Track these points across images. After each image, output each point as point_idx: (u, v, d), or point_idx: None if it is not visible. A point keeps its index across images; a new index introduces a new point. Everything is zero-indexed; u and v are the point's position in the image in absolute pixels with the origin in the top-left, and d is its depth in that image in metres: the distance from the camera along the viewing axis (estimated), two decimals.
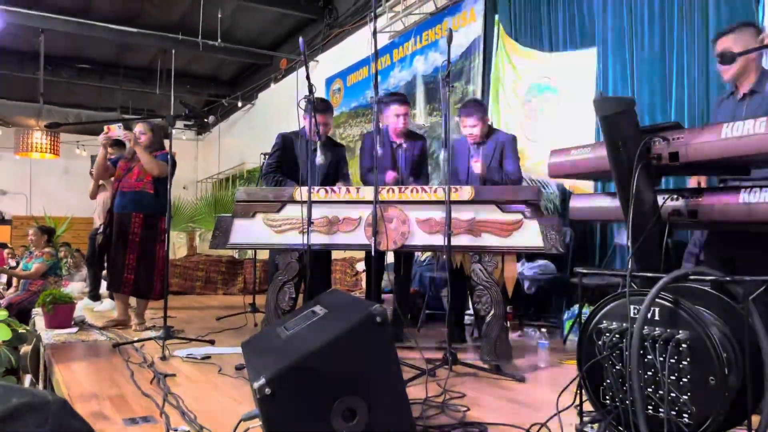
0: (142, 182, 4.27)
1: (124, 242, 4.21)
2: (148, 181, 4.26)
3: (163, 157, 4.32)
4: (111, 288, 4.39)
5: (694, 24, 3.90)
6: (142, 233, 4.23)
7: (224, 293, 7.54)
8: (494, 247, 3.06)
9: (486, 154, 3.88)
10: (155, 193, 4.28)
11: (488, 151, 3.88)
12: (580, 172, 2.50)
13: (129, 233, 4.21)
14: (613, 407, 1.73)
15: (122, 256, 4.21)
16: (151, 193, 4.27)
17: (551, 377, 2.98)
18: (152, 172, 4.22)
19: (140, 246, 4.22)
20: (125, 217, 4.24)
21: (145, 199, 4.26)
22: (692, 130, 2.04)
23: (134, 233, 4.22)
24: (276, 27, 9.78)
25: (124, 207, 4.27)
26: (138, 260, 4.21)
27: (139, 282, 4.23)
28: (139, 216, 4.24)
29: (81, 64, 11.08)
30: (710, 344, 1.55)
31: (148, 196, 4.26)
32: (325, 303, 1.98)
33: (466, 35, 5.96)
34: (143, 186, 4.26)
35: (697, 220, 2.17)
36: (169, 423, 2.06)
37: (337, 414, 1.54)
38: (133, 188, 4.27)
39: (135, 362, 3.12)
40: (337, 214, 3.20)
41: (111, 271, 4.29)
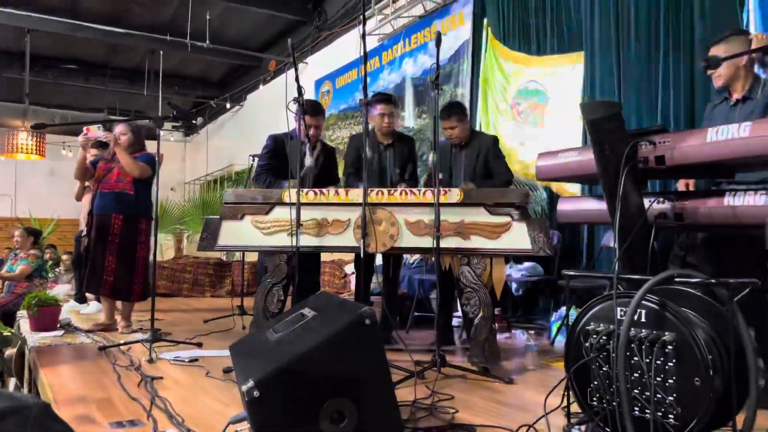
0: (122, 183, 4.24)
1: (104, 244, 4.18)
2: (128, 182, 4.23)
3: (144, 158, 4.30)
4: (89, 290, 4.36)
5: (680, 30, 3.95)
6: (122, 235, 4.19)
7: (212, 296, 7.50)
8: (483, 249, 3.07)
9: (470, 158, 3.89)
10: (135, 195, 4.25)
11: (472, 154, 3.89)
12: (567, 174, 2.52)
13: (109, 235, 4.18)
14: (601, 408, 1.74)
15: (101, 258, 4.17)
16: (132, 194, 4.24)
17: (539, 379, 3.00)
18: (132, 174, 4.20)
19: (120, 247, 4.19)
20: (105, 218, 4.21)
21: (125, 200, 4.23)
22: (678, 133, 2.06)
23: (114, 234, 4.19)
24: (265, 28, 9.76)
25: (103, 208, 4.24)
26: (117, 262, 4.18)
27: (119, 284, 4.19)
28: (119, 217, 4.20)
29: (68, 65, 10.98)
30: (695, 346, 1.57)
31: (128, 197, 4.23)
32: (313, 305, 1.97)
33: (455, 38, 5.99)
34: (123, 187, 4.23)
35: (683, 222, 2.20)
36: (157, 426, 2.05)
37: (326, 416, 1.54)
38: (113, 189, 4.24)
39: (122, 365, 3.09)
40: (326, 216, 3.19)
41: (90, 273, 4.25)
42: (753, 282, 1.59)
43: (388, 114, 3.95)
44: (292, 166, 3.41)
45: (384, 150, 4.04)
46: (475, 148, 3.89)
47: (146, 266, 4.32)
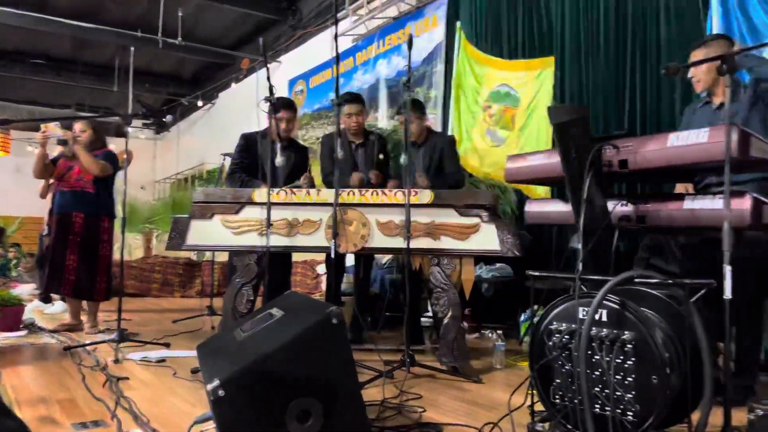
0: (82, 181, 4.18)
1: (65, 243, 4.12)
2: (88, 180, 4.17)
3: (104, 155, 4.24)
4: (51, 289, 4.28)
5: (646, 36, 4.05)
6: (83, 233, 4.14)
7: (181, 296, 7.42)
8: (452, 250, 3.11)
9: (425, 155, 3.94)
10: (96, 193, 4.19)
11: (428, 152, 3.94)
12: (535, 177, 2.56)
13: (70, 233, 4.12)
14: (563, 406, 1.78)
15: (62, 257, 4.10)
16: (92, 193, 4.18)
17: (506, 378, 3.04)
18: (92, 172, 4.13)
19: (81, 246, 4.12)
20: (65, 217, 4.15)
21: (85, 198, 4.17)
22: (640, 138, 2.11)
23: (75, 233, 4.13)
24: (238, 27, 9.67)
25: (63, 207, 4.18)
26: (79, 261, 4.11)
27: (80, 283, 4.13)
28: (80, 216, 4.14)
29: (35, 59, 10.74)
30: (653, 345, 1.61)
31: (88, 196, 4.17)
32: (282, 305, 1.97)
33: (428, 41, 6.03)
34: (83, 185, 4.17)
35: (645, 225, 2.25)
36: (121, 427, 2.03)
37: (292, 416, 1.55)
38: (73, 188, 4.18)
39: (87, 366, 3.04)
40: (297, 216, 3.19)
41: (51, 272, 4.18)
42: (709, 283, 1.64)
43: (356, 113, 3.97)
44: (263, 165, 3.39)
45: (355, 149, 4.06)
46: (432, 147, 3.94)
47: (109, 265, 4.26)
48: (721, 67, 1.82)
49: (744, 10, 3.46)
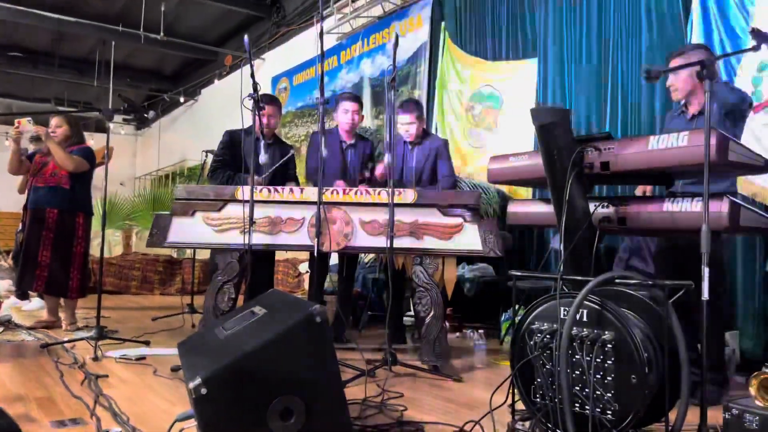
0: (57, 177, 4.12)
1: (38, 238, 4.06)
2: (63, 175, 4.12)
3: (80, 151, 4.18)
4: (22, 285, 4.21)
5: (629, 41, 4.10)
6: (56, 229, 4.08)
7: (161, 293, 7.34)
8: (435, 249, 3.12)
9: (420, 156, 3.96)
10: (71, 189, 4.13)
11: (423, 153, 3.96)
12: (517, 178, 2.59)
13: (43, 229, 4.06)
14: (543, 405, 1.80)
15: (35, 253, 4.05)
16: (67, 189, 4.12)
17: (487, 377, 3.06)
18: (66, 168, 4.08)
19: (54, 242, 4.07)
20: (39, 212, 4.09)
21: (59, 194, 4.11)
22: (622, 141, 2.15)
23: (48, 229, 4.07)
24: (222, 23, 9.61)
25: (37, 203, 4.12)
26: (52, 257, 4.06)
27: (53, 279, 4.07)
28: (53, 212, 4.09)
29: (13, 52, 10.55)
30: (633, 345, 1.64)
31: (63, 192, 4.12)
32: (264, 303, 1.97)
33: (413, 40, 6.04)
34: (58, 181, 4.12)
35: (626, 226, 2.28)
36: (101, 425, 2.00)
37: (274, 413, 1.54)
38: (47, 183, 4.13)
39: (65, 363, 3.00)
40: (280, 214, 3.18)
41: (23, 268, 4.12)
42: (687, 284, 1.67)
43: (353, 111, 3.96)
44: (247, 162, 3.38)
45: (346, 149, 4.05)
46: (426, 148, 3.95)
47: (85, 262, 4.21)
48: (701, 73, 1.85)
49: (724, 17, 3.52)
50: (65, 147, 4.14)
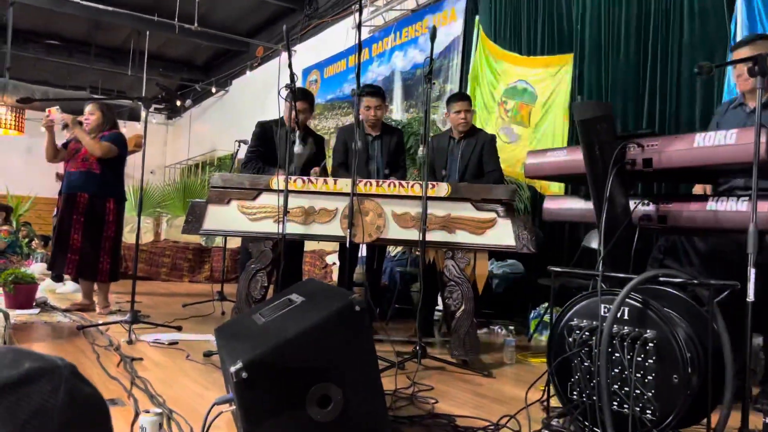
0: (88, 162, 4.20)
1: (70, 222, 4.14)
2: (94, 161, 4.19)
3: (110, 137, 4.25)
4: (54, 268, 4.30)
5: (669, 36, 4.01)
6: (87, 214, 4.16)
7: (190, 281, 7.44)
8: (467, 244, 3.11)
9: (466, 150, 3.94)
10: (102, 174, 4.21)
11: (469, 147, 3.94)
12: (555, 173, 2.56)
13: (74, 213, 4.15)
14: (580, 402, 1.78)
15: (67, 236, 4.13)
16: (98, 173, 4.20)
17: (516, 374, 3.04)
18: (94, 153, 4.15)
19: (85, 227, 4.15)
20: (71, 197, 4.18)
21: (91, 179, 4.19)
22: (666, 137, 2.10)
23: (79, 213, 4.15)
24: (254, 14, 9.66)
25: (70, 187, 4.21)
26: (83, 241, 4.14)
27: (84, 263, 4.15)
28: (84, 196, 4.17)
29: (50, 40, 10.75)
30: (675, 344, 1.61)
31: (94, 177, 4.19)
32: (301, 291, 1.98)
33: (446, 34, 6.01)
34: (89, 166, 4.20)
35: (666, 225, 2.24)
36: (138, 406, 2.04)
37: (313, 400, 1.55)
38: (79, 168, 4.21)
39: (101, 345, 3.07)
40: (313, 204, 3.19)
41: (55, 251, 4.21)
42: (733, 284, 1.64)
43: (375, 107, 3.97)
44: (280, 153, 3.39)
45: (371, 142, 4.06)
46: (474, 142, 3.93)
47: (115, 247, 4.27)
48: (752, 69, 1.81)
49: None
50: (98, 133, 4.22)
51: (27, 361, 0.70)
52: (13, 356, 0.71)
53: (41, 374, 0.70)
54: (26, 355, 0.72)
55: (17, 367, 0.69)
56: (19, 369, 0.68)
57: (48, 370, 0.71)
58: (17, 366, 0.69)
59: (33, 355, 0.73)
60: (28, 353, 0.73)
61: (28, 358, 0.71)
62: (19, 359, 0.70)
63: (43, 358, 0.73)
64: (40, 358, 0.72)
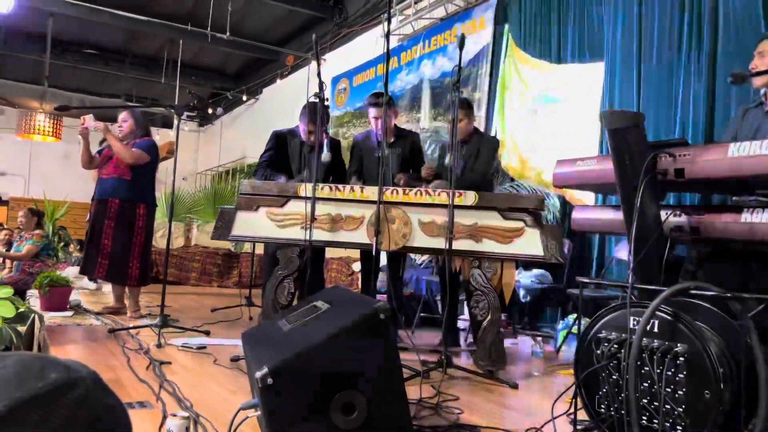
0: (119, 169, 4.29)
1: (101, 227, 4.23)
2: (124, 167, 4.28)
3: (142, 144, 4.33)
4: (85, 272, 4.40)
5: (702, 44, 3.94)
6: (117, 219, 4.24)
7: (218, 286, 7.54)
8: (494, 253, 3.08)
9: (468, 154, 3.91)
10: (132, 180, 4.29)
11: (469, 151, 3.92)
12: (584, 183, 2.53)
13: (105, 218, 4.24)
14: (608, 416, 1.75)
15: (98, 241, 4.22)
16: (128, 180, 4.28)
17: (543, 385, 3.00)
18: (124, 159, 4.24)
19: (115, 231, 4.23)
20: (103, 203, 4.28)
21: (121, 185, 4.27)
22: (699, 147, 2.07)
23: (110, 218, 4.24)
24: (284, 23, 9.79)
25: (102, 193, 4.31)
26: (113, 245, 4.22)
27: (113, 267, 4.23)
28: (116, 202, 4.25)
29: (87, 49, 11.05)
30: (708, 359, 1.57)
31: (124, 183, 4.28)
32: (327, 298, 1.99)
33: (475, 42, 5.99)
34: (120, 173, 4.28)
35: (699, 237, 2.20)
36: (166, 409, 2.07)
37: (337, 407, 1.56)
38: (111, 175, 4.30)
39: (131, 348, 3.12)
40: (340, 211, 3.21)
41: (86, 255, 4.31)
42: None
43: (377, 118, 3.90)
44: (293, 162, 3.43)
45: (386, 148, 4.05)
46: (475, 146, 3.91)
47: (145, 252, 4.34)
48: None
49: None
50: (131, 140, 4.32)
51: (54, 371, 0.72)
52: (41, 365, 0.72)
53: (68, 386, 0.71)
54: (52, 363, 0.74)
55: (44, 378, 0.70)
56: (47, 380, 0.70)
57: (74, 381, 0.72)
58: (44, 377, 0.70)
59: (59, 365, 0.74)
60: (54, 362, 0.74)
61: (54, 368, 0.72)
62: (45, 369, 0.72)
63: (68, 367, 0.74)
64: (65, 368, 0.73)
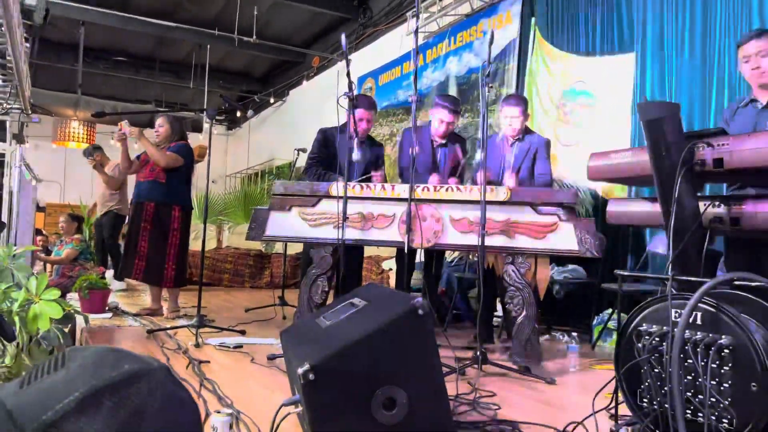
0: (154, 173, 4.38)
1: (138, 230, 4.33)
2: (159, 171, 4.37)
3: (175, 148, 4.43)
4: (123, 273, 4.50)
5: (738, 31, 3.85)
6: (153, 221, 4.33)
7: (251, 286, 7.63)
8: (528, 248, 3.07)
9: (519, 153, 3.89)
10: (167, 183, 4.38)
11: (522, 150, 3.89)
12: (619, 176, 2.49)
13: (142, 221, 4.33)
14: (651, 410, 1.73)
15: (135, 243, 4.33)
16: (163, 183, 4.37)
17: (580, 381, 2.98)
18: (158, 163, 4.34)
19: (151, 234, 4.32)
20: (140, 206, 4.38)
21: (156, 188, 4.37)
22: (738, 136, 2.02)
23: (146, 221, 4.33)
24: (310, 25, 9.86)
25: (139, 196, 4.42)
26: (149, 248, 4.31)
27: (150, 269, 4.32)
28: (151, 205, 4.35)
29: (118, 57, 11.28)
30: (754, 350, 1.54)
31: (159, 186, 4.37)
32: (363, 296, 2.00)
33: (502, 37, 5.95)
34: (155, 176, 4.38)
35: (740, 227, 2.15)
36: (208, 407, 2.11)
37: (378, 403, 1.57)
38: (147, 178, 4.41)
39: (170, 348, 3.19)
40: (371, 210, 3.23)
41: (124, 257, 4.43)
42: None
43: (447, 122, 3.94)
44: (341, 159, 3.45)
45: (437, 148, 4.07)
46: (526, 145, 3.88)
47: (180, 254, 4.42)
48: None
49: None
50: (166, 144, 4.41)
51: (127, 363, 0.74)
52: (115, 357, 0.75)
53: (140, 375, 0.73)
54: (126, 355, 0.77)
55: (118, 368, 0.73)
56: (120, 370, 0.72)
57: (146, 371, 0.74)
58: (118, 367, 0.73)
59: (132, 357, 0.77)
60: (127, 354, 0.77)
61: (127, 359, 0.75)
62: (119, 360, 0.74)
63: (140, 359, 0.77)
64: (138, 360, 0.76)
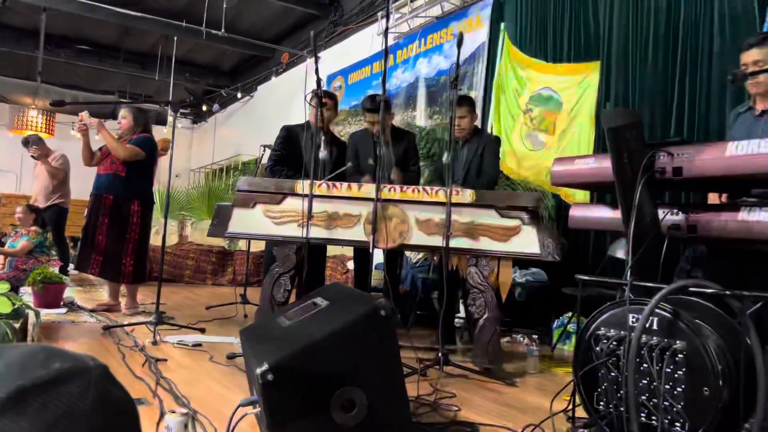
0: (114, 165, 4.28)
1: (95, 224, 4.22)
2: (119, 164, 4.27)
3: (137, 140, 4.32)
4: (79, 268, 4.38)
5: (699, 43, 3.95)
6: (111, 215, 4.23)
7: (213, 284, 7.51)
8: (492, 251, 3.09)
9: (470, 153, 3.91)
10: (127, 176, 4.27)
11: (472, 149, 3.91)
12: (582, 181, 2.53)
13: (99, 215, 4.22)
14: (607, 413, 1.76)
15: (92, 237, 4.21)
16: (123, 176, 4.27)
17: (540, 383, 3.01)
18: (118, 156, 4.24)
19: (109, 228, 4.21)
20: (98, 198, 4.27)
21: (116, 181, 4.26)
22: (697, 146, 2.07)
23: (104, 215, 4.22)
24: (279, 20, 9.75)
25: (98, 189, 4.31)
26: (107, 242, 4.20)
27: (107, 264, 4.21)
28: (110, 198, 4.24)
29: (81, 45, 10.97)
30: (707, 356, 1.58)
31: (118, 179, 4.27)
32: (326, 295, 1.98)
33: (471, 41, 5.99)
34: (115, 169, 4.27)
35: (696, 235, 2.20)
36: (163, 406, 2.06)
37: (337, 404, 1.56)
38: (107, 171, 4.30)
39: (126, 345, 3.11)
40: (337, 209, 3.21)
41: (80, 251, 4.29)
42: (767, 296, 1.60)
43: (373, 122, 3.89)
44: (306, 157, 3.41)
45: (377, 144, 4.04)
46: (476, 144, 3.90)
47: (139, 249, 4.32)
48: None
49: None
50: (129, 137, 4.30)
51: (58, 361, 0.70)
52: (45, 355, 0.71)
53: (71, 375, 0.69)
54: (58, 354, 0.72)
55: (47, 367, 0.68)
56: (50, 369, 0.68)
57: (78, 370, 0.70)
58: (47, 366, 0.68)
59: (65, 355, 0.72)
60: (60, 352, 0.73)
61: (59, 358, 0.71)
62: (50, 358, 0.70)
63: (74, 358, 0.72)
64: (71, 358, 0.71)
